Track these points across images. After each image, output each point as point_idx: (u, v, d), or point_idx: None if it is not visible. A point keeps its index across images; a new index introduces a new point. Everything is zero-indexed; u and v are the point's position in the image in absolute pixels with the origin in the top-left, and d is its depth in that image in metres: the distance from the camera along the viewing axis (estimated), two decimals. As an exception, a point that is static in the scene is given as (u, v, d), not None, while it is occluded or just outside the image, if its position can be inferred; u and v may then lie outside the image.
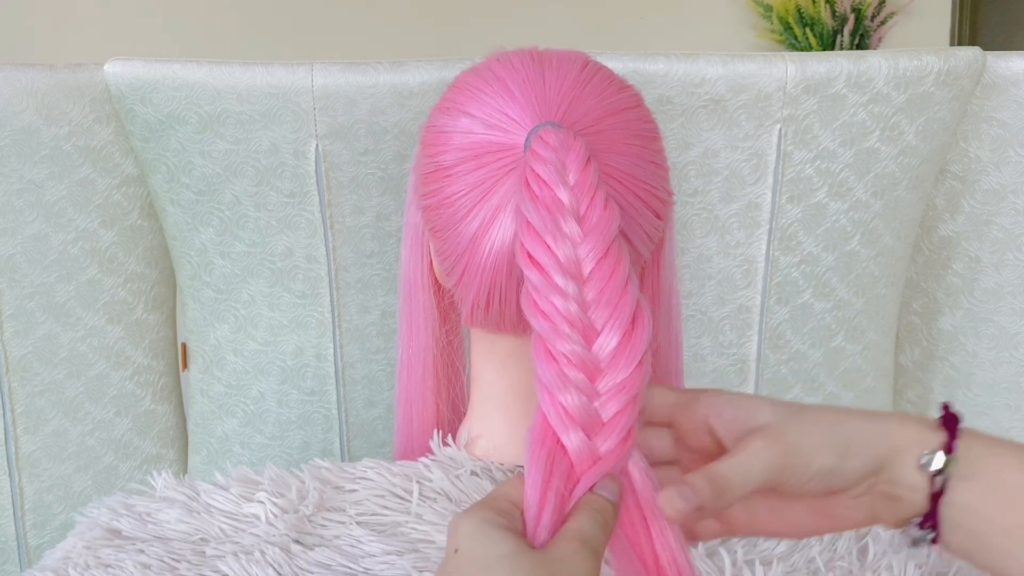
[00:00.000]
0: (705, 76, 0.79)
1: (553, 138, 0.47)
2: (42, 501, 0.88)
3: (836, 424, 0.44)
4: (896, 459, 0.43)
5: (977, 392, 0.93)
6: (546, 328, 0.42)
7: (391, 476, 0.56)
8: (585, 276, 0.43)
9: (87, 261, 0.85)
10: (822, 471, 0.42)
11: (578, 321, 0.42)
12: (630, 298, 0.43)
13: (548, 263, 0.43)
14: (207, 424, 0.90)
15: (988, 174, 0.86)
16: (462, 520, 0.41)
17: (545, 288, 0.43)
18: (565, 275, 0.43)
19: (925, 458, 0.43)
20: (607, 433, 0.41)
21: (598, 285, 0.43)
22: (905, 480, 0.43)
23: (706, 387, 0.48)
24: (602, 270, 0.43)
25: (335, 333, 0.86)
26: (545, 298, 0.43)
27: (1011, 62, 0.82)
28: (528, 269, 0.44)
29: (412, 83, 0.78)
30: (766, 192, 0.82)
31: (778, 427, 0.43)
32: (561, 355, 0.42)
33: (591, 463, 0.41)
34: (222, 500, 0.56)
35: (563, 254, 0.43)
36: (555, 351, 0.42)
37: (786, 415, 0.44)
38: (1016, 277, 0.88)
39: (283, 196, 0.81)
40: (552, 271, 0.43)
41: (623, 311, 0.42)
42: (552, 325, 0.42)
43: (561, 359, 0.42)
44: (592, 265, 0.43)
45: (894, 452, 0.43)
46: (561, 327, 0.42)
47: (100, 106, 0.81)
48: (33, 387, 0.86)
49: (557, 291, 0.43)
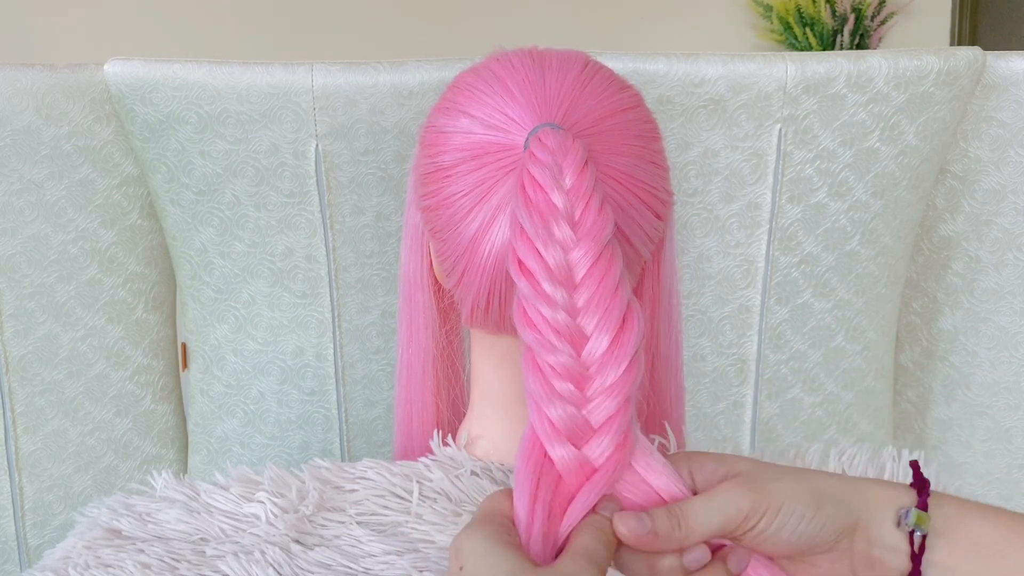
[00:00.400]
0: (705, 76, 0.79)
1: (551, 140, 0.47)
2: (42, 501, 0.88)
3: (810, 477, 0.44)
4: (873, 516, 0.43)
5: (977, 392, 0.93)
6: (533, 340, 0.43)
7: (391, 476, 0.56)
8: (577, 281, 0.43)
9: (87, 261, 0.85)
10: (795, 517, 0.42)
11: (566, 329, 0.42)
12: (620, 300, 0.43)
13: (538, 270, 0.43)
14: (207, 424, 0.90)
15: (988, 174, 0.86)
16: (466, 538, 0.41)
17: (533, 298, 0.43)
18: (554, 283, 0.43)
19: (902, 512, 0.43)
20: (600, 438, 0.41)
21: (590, 289, 0.43)
22: (884, 540, 0.43)
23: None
24: (594, 275, 0.43)
25: (335, 333, 0.86)
26: (533, 308, 0.43)
27: (1011, 62, 0.82)
28: (518, 278, 0.44)
29: (412, 83, 0.78)
30: (766, 192, 0.82)
31: (751, 473, 0.44)
32: (548, 367, 0.42)
33: (585, 475, 0.41)
34: (222, 500, 0.56)
35: (553, 261, 0.43)
36: (542, 363, 0.42)
37: (763, 466, 0.44)
38: (1016, 277, 0.88)
39: (283, 196, 0.81)
40: (541, 279, 0.43)
41: (613, 313, 0.43)
42: (539, 336, 0.42)
43: (548, 371, 0.42)
44: (585, 269, 0.43)
45: (870, 507, 0.43)
46: (548, 338, 0.42)
47: (100, 106, 0.81)
48: (33, 387, 0.86)
49: (545, 300, 0.43)
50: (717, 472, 0.45)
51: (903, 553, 0.43)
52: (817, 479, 0.44)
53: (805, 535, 0.43)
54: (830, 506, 0.43)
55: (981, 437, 0.93)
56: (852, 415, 0.90)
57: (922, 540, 0.43)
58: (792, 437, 0.90)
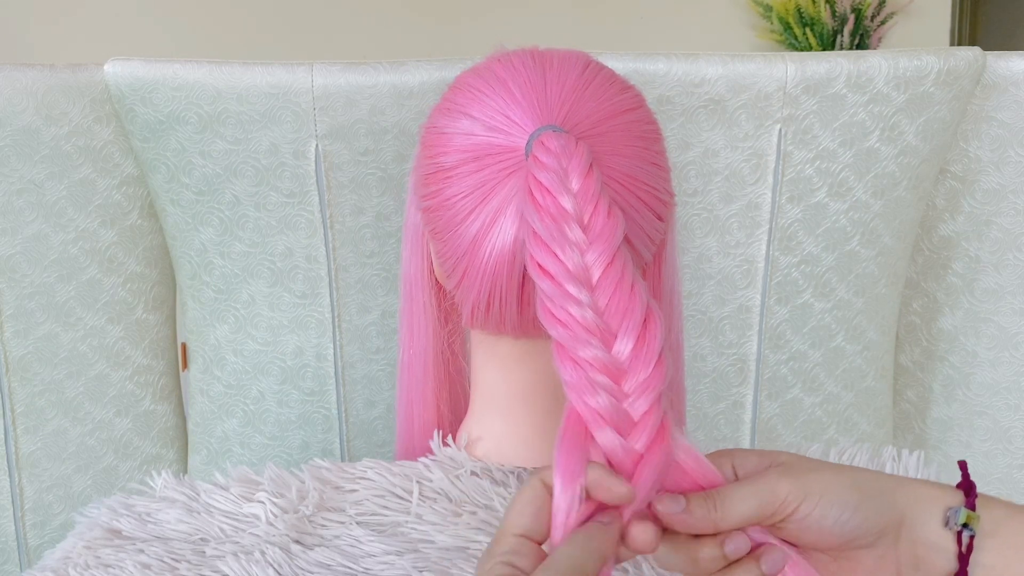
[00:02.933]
0: (705, 76, 0.79)
1: (555, 143, 0.47)
2: (42, 501, 0.88)
3: (852, 471, 0.44)
4: (919, 514, 0.43)
5: (977, 392, 0.93)
6: (566, 336, 0.42)
7: (391, 476, 0.56)
8: (594, 283, 0.43)
9: (87, 261, 0.85)
10: (836, 507, 0.42)
11: (595, 327, 0.42)
12: (639, 302, 0.43)
13: (558, 272, 0.43)
14: (207, 424, 0.90)
15: (988, 174, 0.86)
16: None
17: (560, 297, 0.43)
18: (577, 283, 0.43)
19: (950, 513, 0.43)
20: (639, 431, 0.41)
21: (607, 292, 0.43)
22: (930, 539, 0.43)
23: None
24: (609, 277, 0.43)
25: (335, 333, 0.86)
26: (561, 307, 0.43)
27: (1011, 62, 0.82)
28: (540, 279, 0.44)
29: (412, 83, 0.78)
30: (766, 192, 0.82)
31: (792, 462, 0.44)
32: (584, 361, 0.42)
33: (633, 462, 0.41)
34: (222, 500, 0.56)
35: (572, 263, 0.43)
36: (578, 358, 0.42)
37: (805, 459, 0.44)
38: (1016, 277, 0.88)
39: (283, 196, 0.81)
40: (564, 280, 0.43)
41: (634, 314, 0.43)
42: (572, 333, 0.42)
43: (585, 365, 0.42)
44: (600, 272, 0.43)
45: (916, 505, 0.43)
46: (580, 334, 0.42)
47: (100, 106, 0.81)
48: (33, 387, 0.86)
49: (572, 300, 0.43)
50: (760, 464, 0.45)
51: (950, 553, 0.43)
52: (860, 473, 0.44)
53: (848, 526, 0.42)
54: (875, 500, 0.43)
55: (981, 437, 0.94)
56: (852, 415, 0.90)
57: (970, 540, 0.42)
58: (792, 437, 0.90)
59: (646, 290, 0.44)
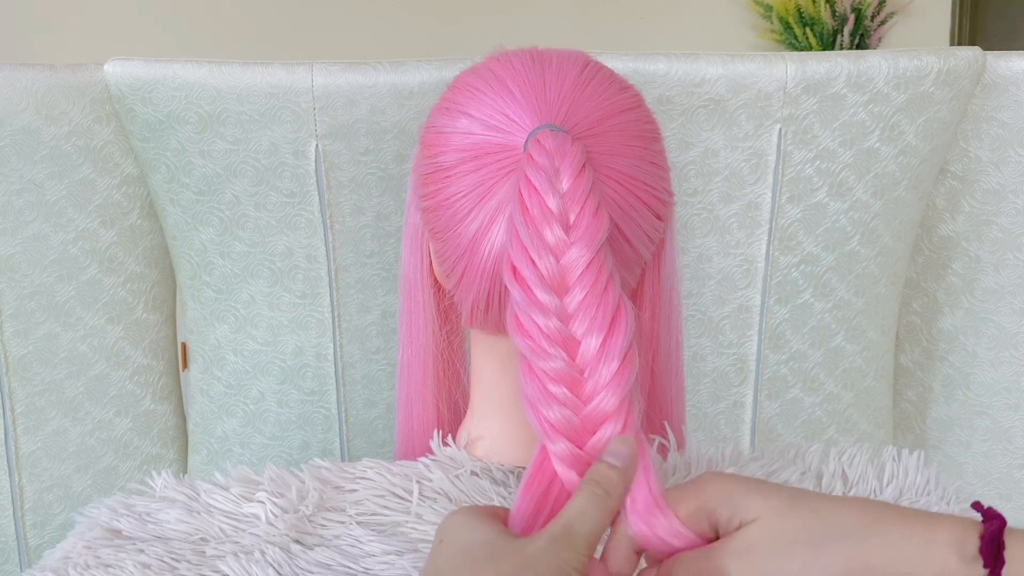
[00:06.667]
0: (705, 76, 0.79)
1: (550, 143, 0.47)
2: (42, 501, 0.88)
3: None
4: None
5: (977, 392, 0.93)
6: (527, 347, 0.44)
7: (391, 476, 0.56)
8: (571, 283, 0.44)
9: (87, 261, 0.85)
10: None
11: (558, 336, 0.44)
12: (610, 300, 0.44)
13: (531, 278, 0.44)
14: (207, 424, 0.90)
15: (988, 174, 0.86)
16: (449, 515, 0.42)
17: (527, 305, 0.44)
18: (547, 289, 0.44)
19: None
20: (607, 427, 0.43)
21: (582, 292, 0.44)
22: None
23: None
24: (586, 278, 0.44)
25: (335, 333, 0.86)
26: (526, 315, 0.44)
27: (1011, 62, 0.82)
28: (512, 286, 0.45)
29: (412, 83, 0.78)
30: (766, 192, 0.82)
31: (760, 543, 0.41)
32: (543, 372, 0.43)
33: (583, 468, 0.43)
34: (222, 500, 0.56)
35: (545, 268, 0.45)
36: (537, 369, 0.44)
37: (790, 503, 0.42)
38: (1016, 277, 0.88)
39: (283, 196, 0.81)
40: (534, 286, 0.44)
41: (602, 314, 0.44)
42: (533, 344, 0.44)
43: (543, 376, 0.43)
44: (578, 272, 0.45)
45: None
46: (542, 345, 0.44)
47: (100, 106, 0.81)
48: (33, 387, 0.86)
49: (538, 308, 0.44)
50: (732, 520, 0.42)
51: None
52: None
53: None
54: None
55: (981, 437, 0.94)
56: (852, 415, 0.90)
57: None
58: (792, 437, 0.90)
59: (619, 288, 0.45)
